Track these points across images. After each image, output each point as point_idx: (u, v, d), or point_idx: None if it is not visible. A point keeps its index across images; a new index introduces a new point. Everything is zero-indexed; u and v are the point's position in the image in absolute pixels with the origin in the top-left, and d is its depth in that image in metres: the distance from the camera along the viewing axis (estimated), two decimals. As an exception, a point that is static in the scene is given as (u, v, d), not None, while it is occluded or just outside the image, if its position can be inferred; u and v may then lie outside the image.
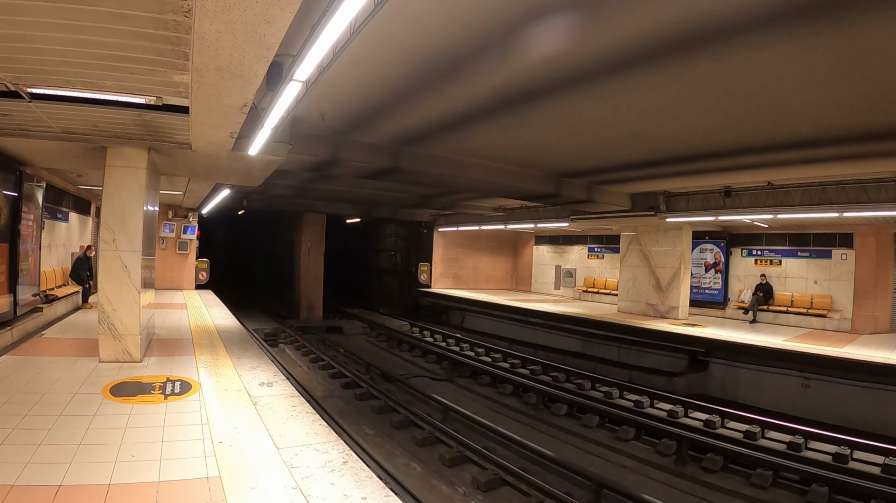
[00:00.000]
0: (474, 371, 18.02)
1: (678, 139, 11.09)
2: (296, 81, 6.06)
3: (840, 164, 12.22)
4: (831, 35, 6.12)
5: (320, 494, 4.96)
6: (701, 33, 6.32)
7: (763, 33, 6.21)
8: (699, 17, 5.95)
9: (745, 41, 6.45)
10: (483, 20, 6.29)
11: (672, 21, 6.10)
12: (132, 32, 4.94)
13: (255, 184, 14.60)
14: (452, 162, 13.84)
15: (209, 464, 5.54)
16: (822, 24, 5.87)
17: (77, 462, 5.39)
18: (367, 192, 22.66)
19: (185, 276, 24.21)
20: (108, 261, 9.70)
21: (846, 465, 10.06)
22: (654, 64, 7.30)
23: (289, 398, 8.14)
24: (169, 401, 7.69)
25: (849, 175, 13.75)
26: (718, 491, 9.78)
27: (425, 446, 11.35)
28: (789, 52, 6.65)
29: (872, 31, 5.89)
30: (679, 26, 6.20)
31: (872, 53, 6.48)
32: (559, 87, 8.46)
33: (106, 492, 4.80)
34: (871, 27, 5.82)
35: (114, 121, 8.40)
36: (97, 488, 4.85)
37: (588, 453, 11.53)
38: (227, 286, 34.17)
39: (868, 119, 8.93)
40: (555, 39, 6.75)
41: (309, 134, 11.47)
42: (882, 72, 6.98)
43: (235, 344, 12.21)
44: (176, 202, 21.51)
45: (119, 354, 9.78)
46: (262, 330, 24.00)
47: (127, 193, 9.78)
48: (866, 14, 5.58)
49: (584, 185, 17.16)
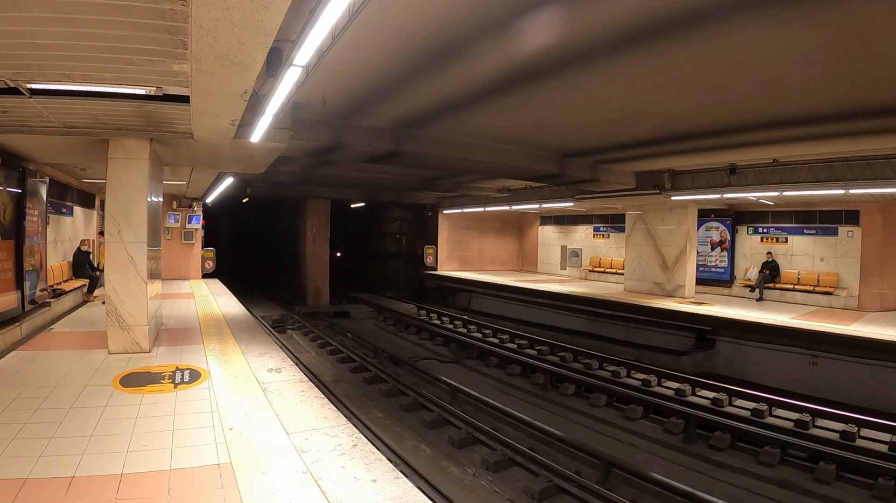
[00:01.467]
0: (482, 352, 18.06)
1: (681, 116, 11.05)
2: (296, 67, 6.02)
3: (845, 140, 12.16)
4: (833, 10, 6.07)
5: (330, 477, 5.00)
6: (702, 9, 6.27)
7: (765, 8, 6.16)
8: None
9: (747, 17, 6.39)
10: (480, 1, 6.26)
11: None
12: (130, 23, 4.93)
13: (258, 171, 14.61)
14: (455, 143, 13.80)
15: (220, 450, 5.58)
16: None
17: (89, 453, 5.43)
18: (371, 177, 22.65)
19: (192, 266, 24.25)
20: (113, 253, 9.74)
21: (853, 443, 10.07)
22: (655, 41, 7.25)
23: (297, 383, 8.19)
24: (178, 389, 7.74)
25: (854, 151, 13.67)
26: (727, 468, 9.81)
27: (434, 428, 11.41)
28: (791, 27, 6.60)
29: (875, 4, 5.84)
30: (679, 3, 6.16)
31: (874, 28, 6.43)
32: (560, 66, 8.41)
33: (119, 481, 4.84)
34: (873, 1, 5.77)
35: (115, 113, 8.41)
36: (110, 478, 4.90)
37: (597, 432, 11.59)
38: (234, 274, 34.30)
39: (873, 95, 8.87)
40: (555, 18, 6.71)
41: (310, 119, 11.45)
42: (885, 47, 6.93)
43: (243, 331, 12.26)
44: (180, 192, 21.53)
45: (128, 345, 9.84)
46: (269, 317, 24.06)
47: (130, 185, 9.79)
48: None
49: (588, 165, 17.12)
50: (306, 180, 24.59)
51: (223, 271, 27.34)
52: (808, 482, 9.24)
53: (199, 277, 24.32)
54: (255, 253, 46.69)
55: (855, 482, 9.13)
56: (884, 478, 8.87)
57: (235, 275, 33.97)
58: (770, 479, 9.36)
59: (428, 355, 18.46)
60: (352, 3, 4.41)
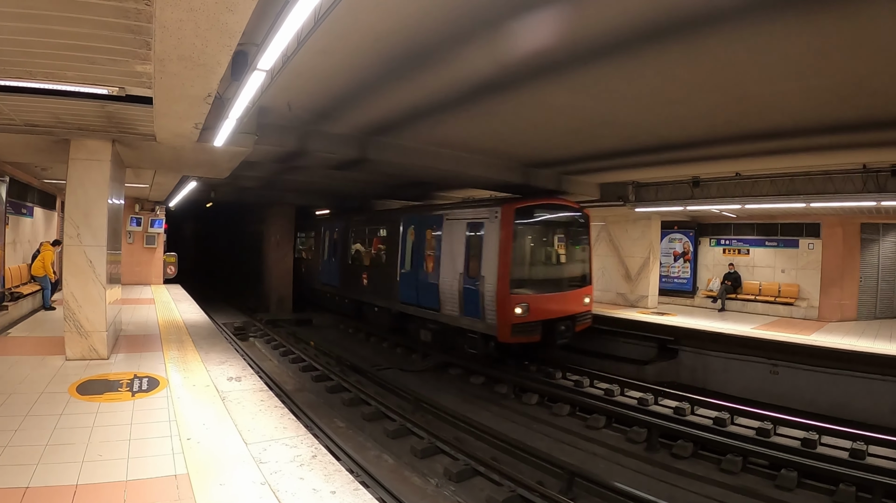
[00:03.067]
0: (445, 363, 18.00)
1: (647, 129, 11.13)
2: (260, 71, 5.95)
3: (808, 154, 12.36)
4: (801, 27, 6.14)
5: (289, 489, 4.94)
6: (670, 24, 6.30)
7: (734, 24, 6.21)
8: (669, 7, 5.95)
9: (715, 32, 6.45)
10: (450, 8, 6.23)
11: (641, 11, 6.09)
12: (94, 21, 4.84)
13: (222, 175, 14.47)
14: (421, 152, 13.76)
15: (177, 461, 5.49)
16: (792, 16, 5.89)
17: (44, 463, 5.31)
18: (337, 184, 22.50)
19: (153, 271, 23.92)
20: (72, 256, 9.55)
21: (814, 450, 10.23)
22: (623, 54, 7.28)
23: (257, 392, 8.10)
24: (136, 398, 7.61)
25: (816, 166, 13.93)
26: (689, 477, 9.88)
27: (397, 438, 11.34)
28: (759, 43, 6.66)
29: (841, 23, 5.93)
30: (648, 17, 6.19)
31: (840, 46, 6.52)
32: (528, 77, 8.41)
33: (73, 492, 4.75)
34: (839, 19, 5.86)
35: (76, 112, 8.26)
36: (65, 489, 4.80)
37: (559, 442, 11.58)
38: (196, 280, 33.89)
39: (836, 111, 9.00)
40: (523, 30, 6.71)
41: (276, 124, 11.34)
42: (849, 64, 7.03)
43: (204, 338, 12.10)
44: (143, 195, 21.24)
45: (86, 352, 9.65)
46: (231, 324, 23.72)
47: (91, 187, 9.62)
48: (833, 7, 5.61)
49: (553, 175, 17.20)
50: (271, 186, 24.32)
51: (185, 277, 27.04)
52: (770, 489, 9.38)
53: (161, 283, 24.00)
54: (219, 258, 46.09)
55: (816, 489, 9.30)
56: (845, 484, 9.02)
57: (198, 281, 33.57)
58: (732, 487, 9.46)
59: (391, 365, 18.25)
60: (318, 7, 4.36)
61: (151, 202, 22.93)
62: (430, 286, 17.89)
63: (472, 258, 16.03)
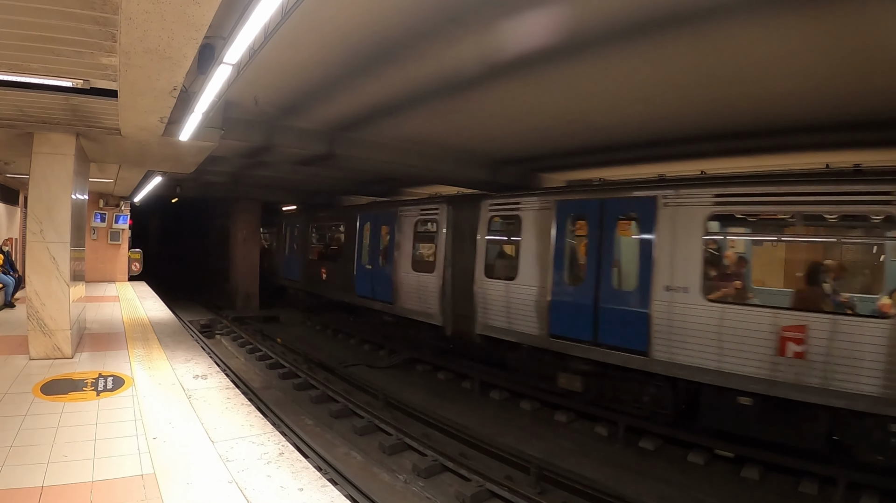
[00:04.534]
0: (413, 359, 18.02)
1: (614, 127, 11.18)
2: (226, 64, 5.89)
3: (774, 155, 12.48)
4: (767, 31, 6.23)
5: (256, 487, 4.92)
6: (635, 24, 6.38)
7: (696, 26, 6.30)
8: (634, 7, 6.02)
9: (681, 33, 6.55)
10: (417, 4, 6.24)
11: (608, 12, 6.16)
12: (58, 12, 4.76)
13: (188, 170, 14.33)
14: (389, 148, 13.72)
15: (143, 461, 5.44)
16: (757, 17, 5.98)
17: (8, 465, 5.22)
18: (304, 180, 22.35)
19: (118, 268, 23.54)
20: (35, 253, 9.37)
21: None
22: (590, 53, 7.33)
23: (224, 390, 8.06)
24: (101, 397, 7.51)
25: (779, 165, 14.06)
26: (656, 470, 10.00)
27: (365, 435, 11.36)
28: (724, 45, 6.77)
29: (803, 26, 6.07)
30: (615, 16, 6.25)
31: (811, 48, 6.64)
32: (496, 75, 8.43)
33: (39, 494, 4.68)
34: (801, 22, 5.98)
35: (40, 105, 8.10)
36: (30, 491, 4.72)
37: (528, 435, 11.65)
38: (162, 277, 33.41)
39: (803, 112, 9.13)
40: (491, 28, 6.74)
41: (242, 119, 11.25)
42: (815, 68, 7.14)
43: (169, 336, 11.98)
44: (107, 190, 20.92)
45: (50, 351, 9.48)
46: (197, 321, 23.52)
47: (54, 181, 9.45)
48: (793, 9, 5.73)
49: (521, 172, 17.21)
50: (238, 181, 24.12)
51: (151, 273, 26.68)
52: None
53: (126, 280, 23.64)
54: (185, 255, 45.60)
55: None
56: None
57: (163, 278, 33.11)
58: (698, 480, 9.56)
59: (359, 361, 18.22)
60: (285, 1, 4.35)
61: (116, 197, 22.58)
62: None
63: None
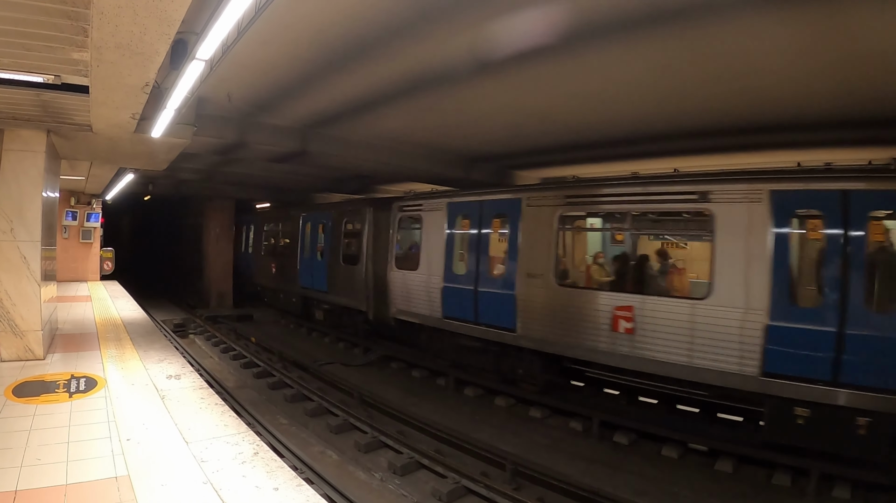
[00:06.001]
0: (387, 357, 18.06)
1: (587, 125, 11.26)
2: (199, 60, 5.86)
3: (743, 154, 12.64)
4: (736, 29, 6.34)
5: (231, 488, 4.94)
6: (609, 24, 6.46)
7: (669, 28, 6.40)
8: (609, 7, 6.10)
9: (645, 34, 6.65)
10: (390, 1, 6.28)
11: (581, 12, 6.23)
12: (29, 6, 4.73)
13: (160, 167, 14.23)
14: (362, 145, 13.73)
15: (117, 463, 5.43)
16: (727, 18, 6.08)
17: (-18, 470, 5.19)
18: (277, 177, 22.28)
19: (90, 267, 23.23)
20: (5, 252, 9.26)
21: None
22: (560, 52, 7.41)
23: (197, 390, 8.04)
24: (74, 399, 7.46)
25: (753, 163, 14.23)
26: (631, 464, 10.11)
27: (340, 433, 11.38)
28: (697, 45, 6.91)
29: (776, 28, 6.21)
30: (587, 17, 6.34)
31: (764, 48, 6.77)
32: (470, 72, 8.48)
33: (13, 498, 4.66)
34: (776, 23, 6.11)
35: (10, 101, 8.00)
36: (4, 496, 4.70)
37: (502, 431, 11.71)
38: (134, 276, 33.13)
39: (767, 111, 9.25)
40: (463, 25, 6.78)
41: (215, 115, 11.19)
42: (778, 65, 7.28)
43: (142, 336, 11.90)
44: (78, 188, 20.66)
45: (21, 352, 9.39)
46: (170, 321, 23.35)
47: (25, 179, 9.34)
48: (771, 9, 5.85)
49: (494, 170, 17.28)
50: (211, 178, 23.94)
51: (123, 272, 26.43)
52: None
53: (98, 279, 23.36)
54: (158, 253, 45.13)
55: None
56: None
57: (136, 277, 32.82)
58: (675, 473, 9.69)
59: (333, 359, 18.22)
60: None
61: (88, 195, 22.30)
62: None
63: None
